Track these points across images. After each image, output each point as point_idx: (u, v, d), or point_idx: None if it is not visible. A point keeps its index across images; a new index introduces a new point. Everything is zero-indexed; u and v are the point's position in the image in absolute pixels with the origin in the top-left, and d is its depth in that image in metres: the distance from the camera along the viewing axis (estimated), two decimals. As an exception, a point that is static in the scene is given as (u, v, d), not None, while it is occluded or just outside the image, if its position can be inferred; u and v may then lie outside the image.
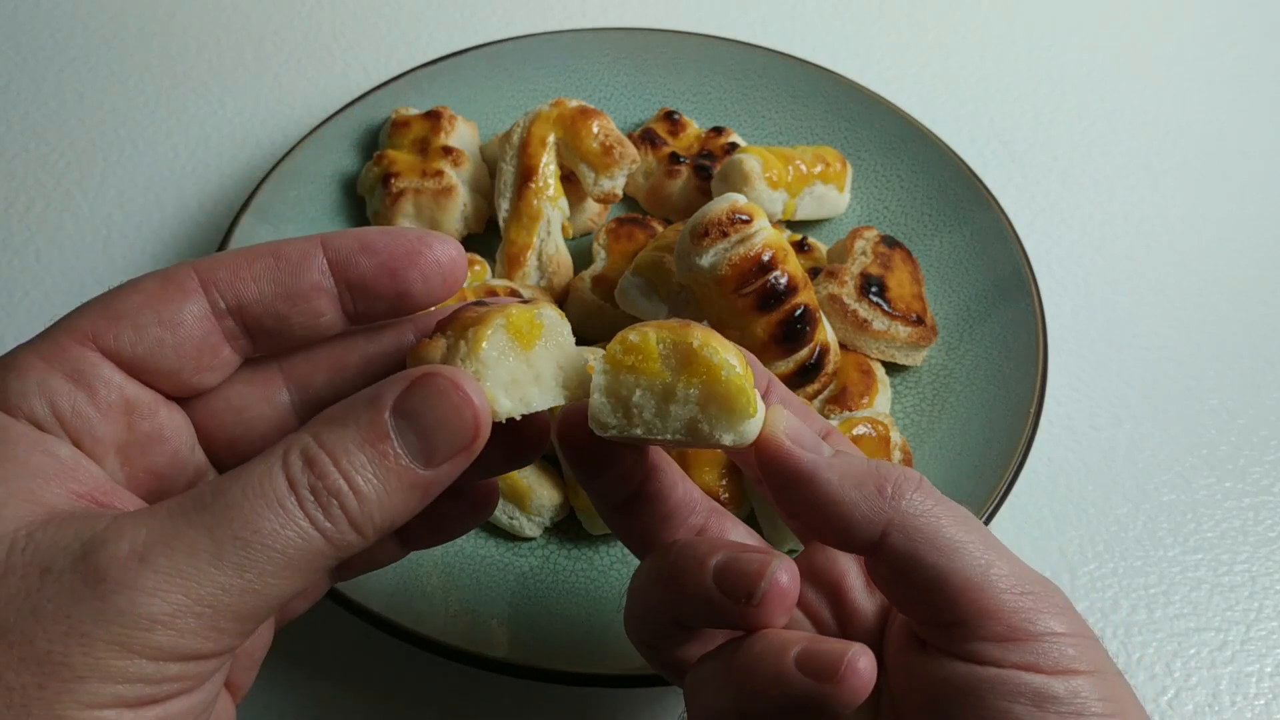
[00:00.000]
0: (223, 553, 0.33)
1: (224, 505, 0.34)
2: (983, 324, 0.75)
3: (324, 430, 0.36)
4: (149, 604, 0.32)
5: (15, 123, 0.93)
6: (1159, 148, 0.96)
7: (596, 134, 0.77)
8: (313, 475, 0.35)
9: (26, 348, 0.37)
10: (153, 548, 0.33)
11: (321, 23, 1.03)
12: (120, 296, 0.38)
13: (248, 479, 0.34)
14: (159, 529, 0.33)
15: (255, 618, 0.34)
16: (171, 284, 0.39)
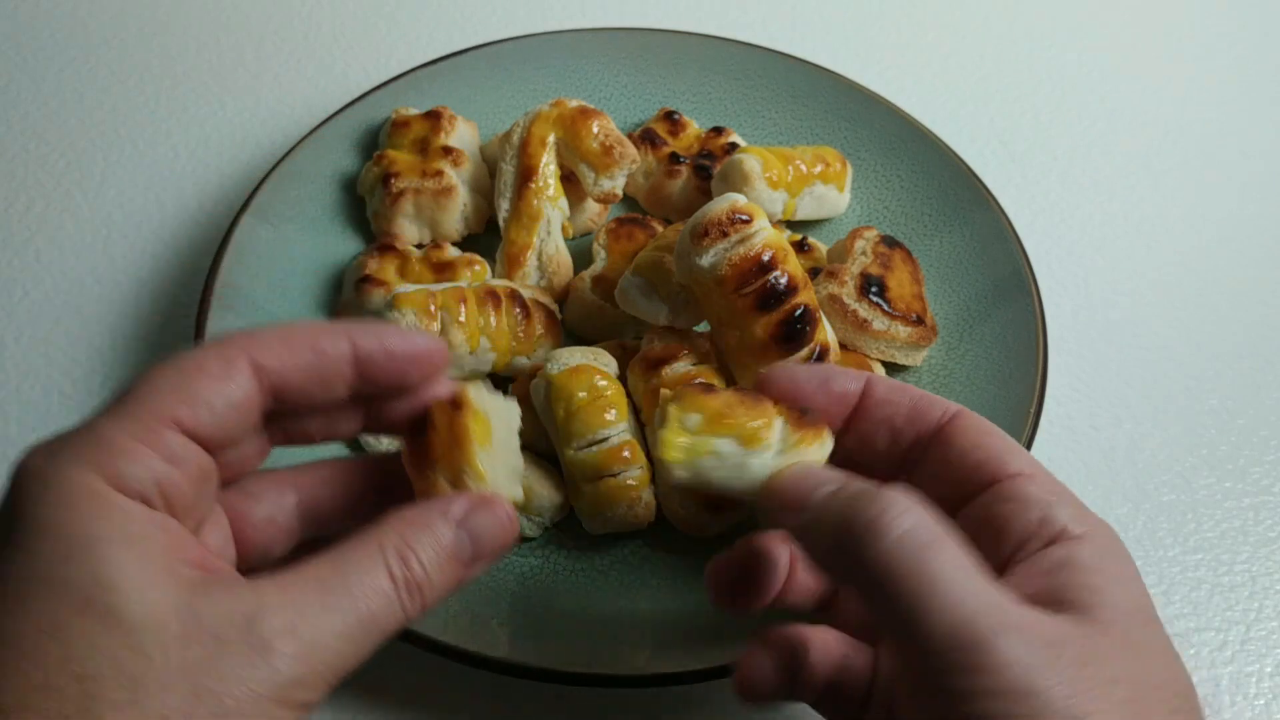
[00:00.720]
0: (350, 633, 0.42)
1: (345, 590, 0.43)
2: (983, 324, 0.75)
3: (409, 533, 0.45)
4: (300, 670, 0.41)
5: (15, 122, 0.93)
6: (1159, 148, 0.96)
7: (596, 134, 0.77)
8: (406, 571, 0.44)
9: (120, 429, 0.42)
10: (299, 624, 0.41)
11: (321, 23, 1.03)
12: (192, 377, 0.44)
13: (360, 570, 0.43)
14: (302, 607, 0.41)
15: (344, 676, 0.43)
16: (234, 368, 0.45)
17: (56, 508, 0.40)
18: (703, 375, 0.67)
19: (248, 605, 0.41)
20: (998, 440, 0.48)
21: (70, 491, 0.41)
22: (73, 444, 0.42)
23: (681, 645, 0.60)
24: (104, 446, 0.42)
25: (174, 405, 0.44)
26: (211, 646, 0.39)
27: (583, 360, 0.66)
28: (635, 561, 0.66)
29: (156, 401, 0.43)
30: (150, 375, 0.45)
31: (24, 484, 0.41)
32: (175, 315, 0.80)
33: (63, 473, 0.41)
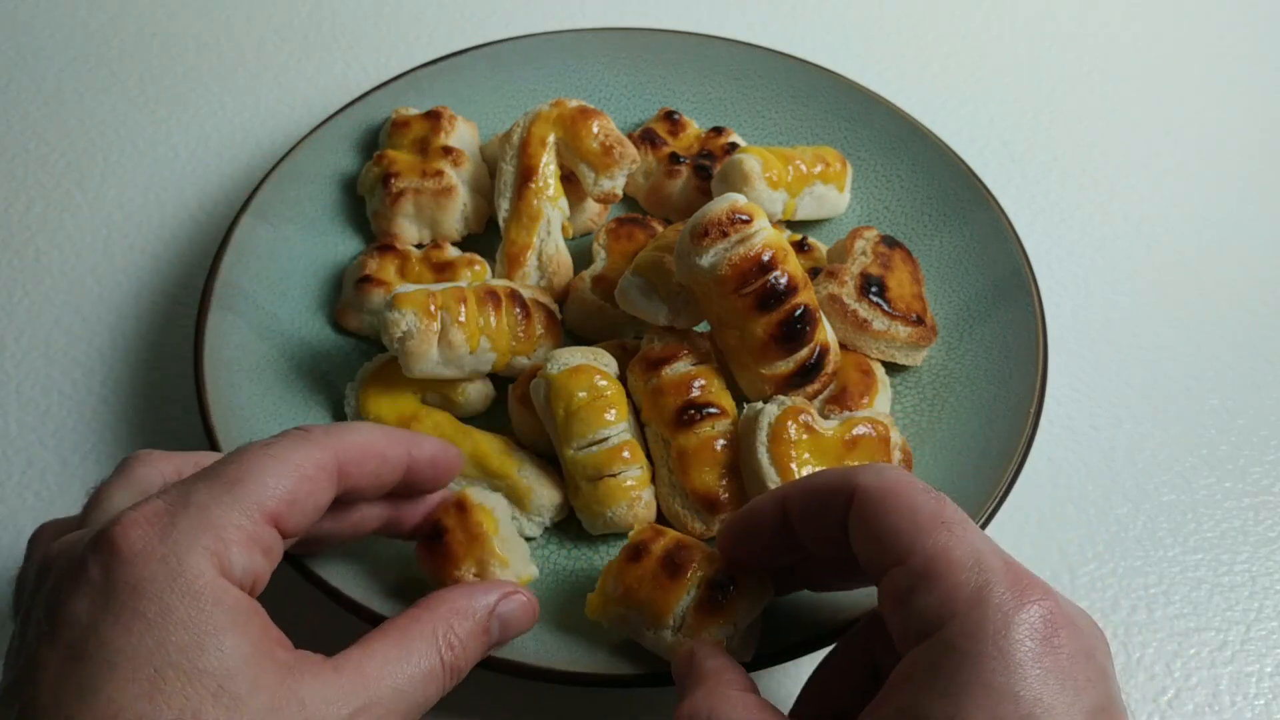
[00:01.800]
0: (412, 713, 0.49)
1: (408, 674, 0.49)
2: (983, 324, 0.75)
3: (455, 622, 0.52)
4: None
5: (15, 123, 0.93)
6: (1159, 148, 0.96)
7: (596, 134, 0.77)
8: (453, 655, 0.51)
9: (229, 518, 0.45)
10: (373, 709, 0.46)
11: (321, 23, 1.03)
12: (293, 479, 0.48)
13: (419, 655, 0.50)
14: (380, 699, 0.47)
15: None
16: (327, 477, 0.50)
17: (183, 597, 0.43)
18: (702, 375, 0.67)
19: (338, 691, 0.46)
20: (889, 520, 0.48)
21: (192, 582, 0.43)
22: (184, 527, 0.44)
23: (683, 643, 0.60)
24: (216, 534, 0.45)
25: (277, 503, 0.47)
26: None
27: (583, 360, 0.66)
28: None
29: (261, 495, 0.47)
30: (253, 461, 0.48)
31: (139, 563, 0.43)
32: (175, 315, 0.80)
33: (184, 561, 0.43)
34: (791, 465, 0.62)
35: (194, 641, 0.42)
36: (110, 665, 0.41)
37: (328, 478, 0.50)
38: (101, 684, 0.41)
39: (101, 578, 0.43)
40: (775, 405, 0.65)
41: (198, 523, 0.45)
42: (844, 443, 0.64)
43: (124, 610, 0.42)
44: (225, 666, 0.42)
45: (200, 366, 0.68)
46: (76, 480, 0.72)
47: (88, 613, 0.43)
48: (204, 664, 0.42)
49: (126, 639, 0.42)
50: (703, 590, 0.56)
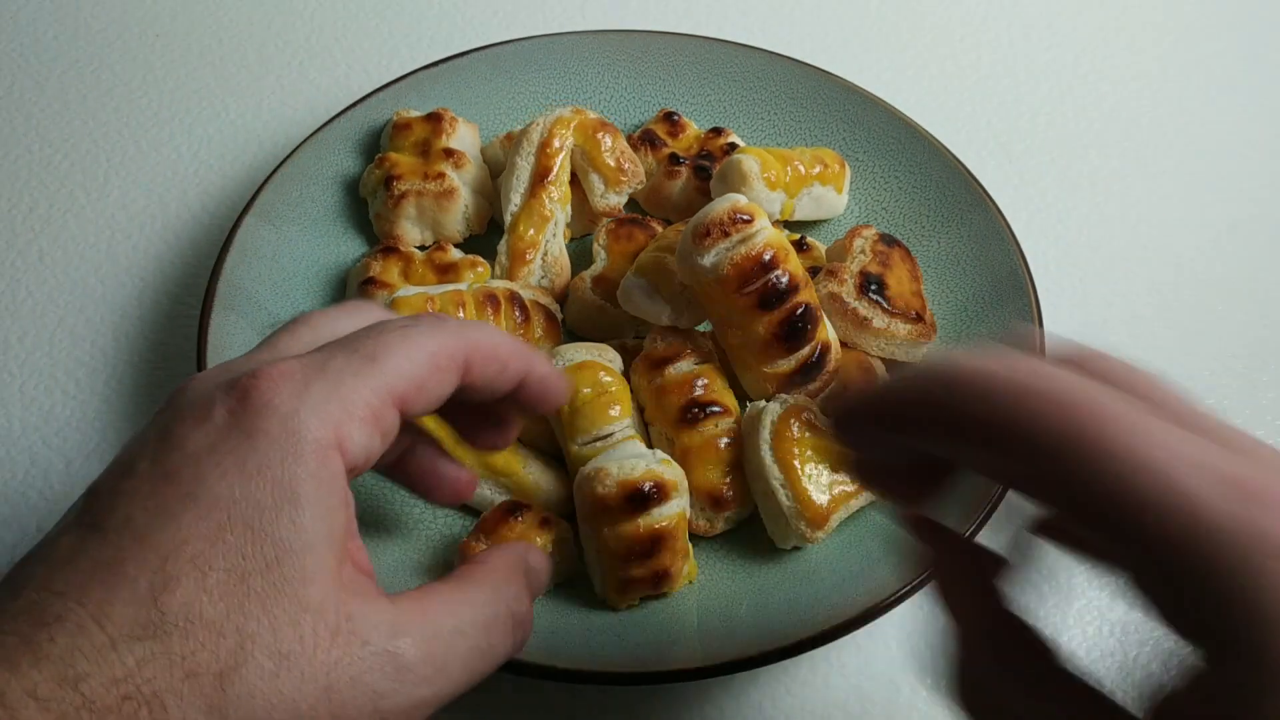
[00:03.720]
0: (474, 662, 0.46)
1: (470, 620, 0.46)
2: (980, 324, 0.75)
3: (524, 597, 0.49)
4: (425, 693, 0.43)
5: (19, 124, 0.93)
6: (1156, 149, 0.96)
7: (613, 149, 0.79)
8: (521, 609, 0.48)
9: (361, 393, 0.44)
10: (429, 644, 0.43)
11: (323, 25, 1.03)
12: (427, 366, 0.46)
13: (483, 605, 0.47)
14: (436, 635, 0.44)
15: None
16: (455, 368, 0.48)
17: (287, 460, 0.42)
18: (705, 374, 0.67)
19: (388, 617, 0.43)
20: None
21: (303, 448, 0.42)
22: (316, 391, 0.43)
23: (684, 643, 0.61)
24: (345, 407, 0.43)
25: (407, 386, 0.45)
26: (357, 653, 0.41)
27: (587, 356, 0.67)
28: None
29: (395, 375, 0.45)
30: (392, 340, 0.46)
31: (263, 414, 0.42)
32: (178, 315, 0.81)
33: (306, 424, 0.42)
34: (794, 463, 0.63)
35: (276, 506, 0.41)
36: (194, 499, 0.41)
37: (456, 369, 0.48)
38: (179, 513, 0.40)
39: (223, 419, 0.43)
40: (778, 404, 0.65)
41: (330, 391, 0.44)
42: (845, 440, 0.64)
43: (229, 454, 0.42)
44: (292, 543, 0.41)
45: (203, 367, 0.69)
46: (79, 480, 0.72)
47: (196, 445, 0.42)
48: (275, 531, 0.41)
49: (219, 480, 0.41)
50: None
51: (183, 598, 0.39)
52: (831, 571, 0.64)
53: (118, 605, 0.38)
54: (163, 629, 0.38)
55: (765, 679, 0.64)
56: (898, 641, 0.66)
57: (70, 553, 0.41)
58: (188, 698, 0.38)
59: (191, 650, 0.38)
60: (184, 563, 0.39)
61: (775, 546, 0.66)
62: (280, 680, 0.39)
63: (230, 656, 0.39)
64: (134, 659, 0.38)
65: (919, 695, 0.64)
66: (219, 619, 0.39)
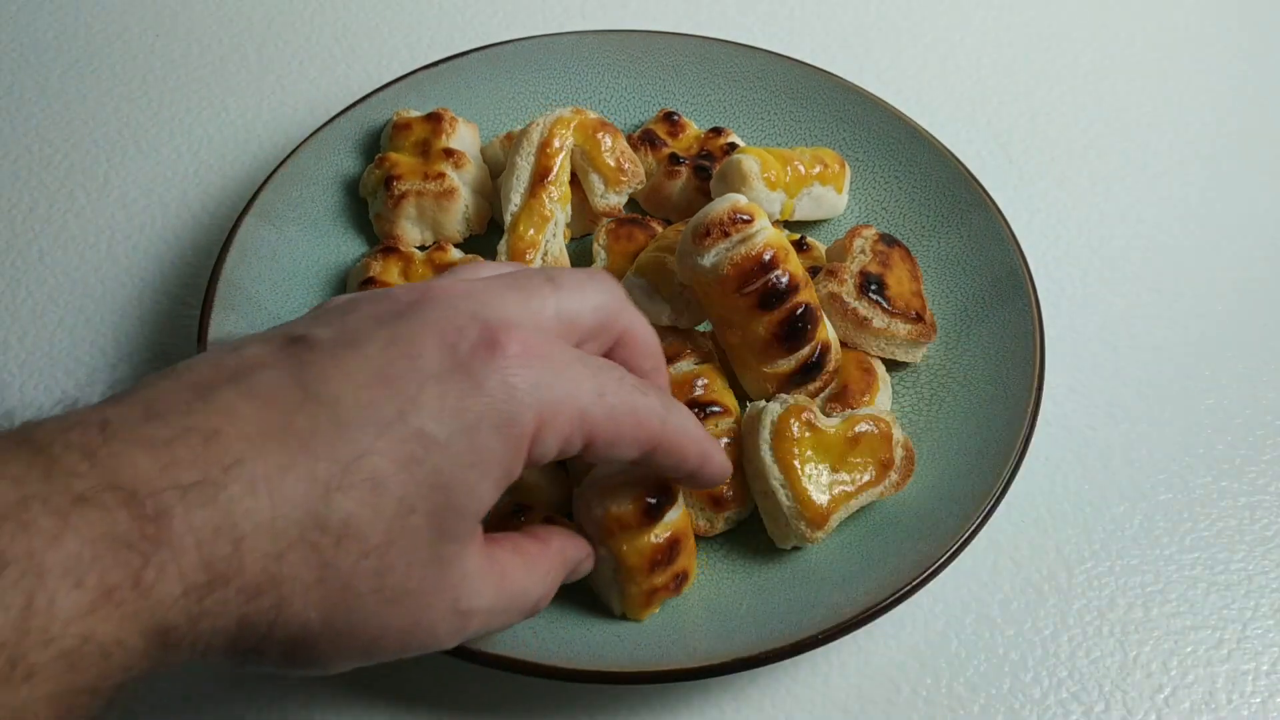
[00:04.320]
0: (496, 629, 0.51)
1: (525, 596, 0.50)
2: (980, 324, 0.75)
3: (560, 566, 0.54)
4: (449, 646, 0.48)
5: (19, 124, 0.93)
6: (1156, 149, 0.96)
7: (614, 149, 0.79)
8: (541, 602, 0.52)
9: (565, 412, 0.46)
10: (492, 617, 0.49)
11: (323, 25, 1.03)
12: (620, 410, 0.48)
13: (536, 589, 0.51)
14: (499, 610, 0.49)
15: None
16: (645, 440, 0.50)
17: (494, 434, 0.43)
18: (705, 374, 0.67)
19: (480, 581, 0.46)
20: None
21: (515, 430, 0.44)
22: (546, 385, 0.45)
23: (683, 643, 0.61)
24: (554, 414, 0.45)
25: (605, 431, 0.48)
26: (447, 607, 0.45)
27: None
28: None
29: (608, 410, 0.47)
30: (626, 379, 0.50)
31: (503, 391, 0.44)
32: (179, 315, 0.81)
33: (525, 414, 0.44)
34: (795, 463, 0.63)
35: (465, 463, 0.43)
36: (404, 419, 0.42)
37: (643, 449, 0.51)
38: (381, 427, 0.41)
39: (465, 356, 0.44)
40: (778, 404, 0.65)
41: (553, 390, 0.45)
42: (847, 440, 0.64)
43: (449, 397, 0.43)
44: (461, 503, 0.43)
45: (204, 366, 0.69)
46: (80, 479, 0.72)
47: (428, 363, 0.43)
48: (452, 484, 0.43)
49: (430, 417, 0.42)
50: None
51: (351, 506, 0.40)
52: (831, 571, 0.64)
53: (293, 480, 0.39)
54: (323, 526, 0.40)
55: (765, 679, 0.64)
56: (898, 641, 0.66)
57: (268, 396, 0.41)
58: (311, 594, 0.40)
59: (335, 558, 0.40)
60: (366, 473, 0.41)
61: (775, 546, 0.66)
62: (388, 610, 0.42)
63: (364, 579, 0.41)
64: (287, 542, 0.39)
65: (919, 695, 0.64)
66: (373, 542, 0.41)
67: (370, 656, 0.45)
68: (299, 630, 0.41)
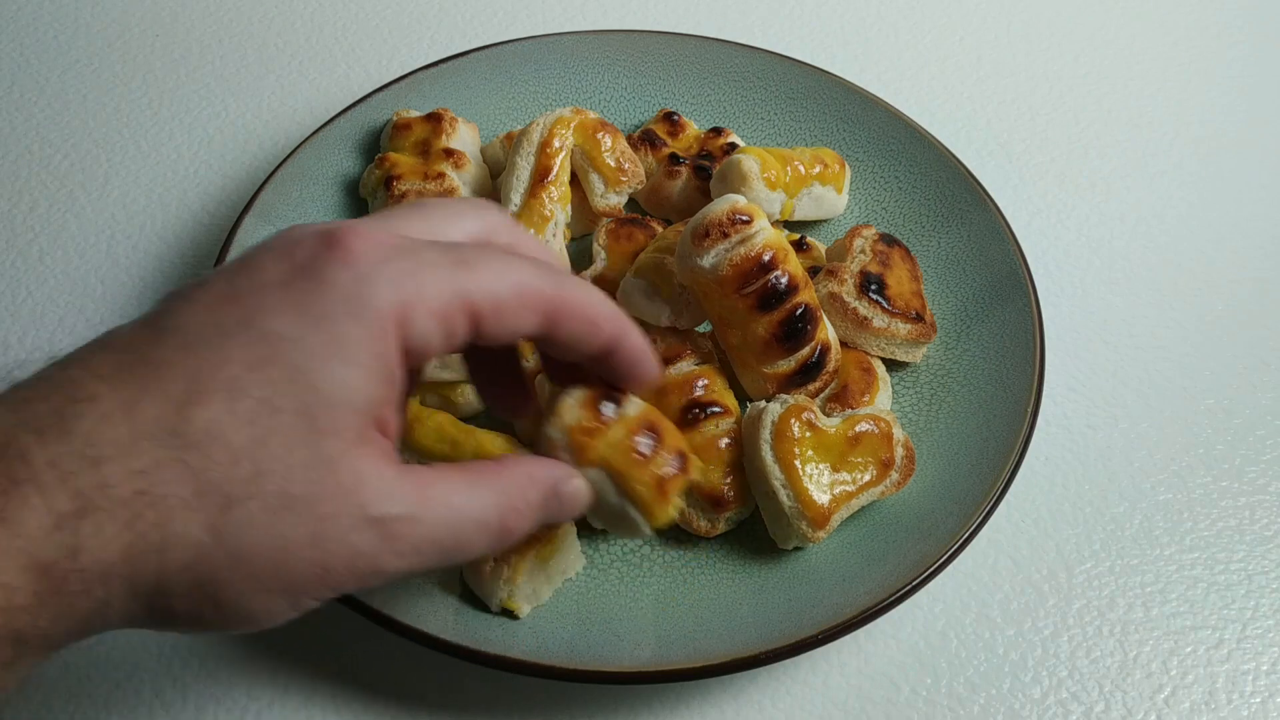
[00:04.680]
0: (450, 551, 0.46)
1: (463, 516, 0.46)
2: (980, 324, 0.75)
3: (529, 489, 0.49)
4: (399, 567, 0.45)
5: (19, 124, 0.93)
6: (1156, 149, 0.96)
7: (613, 149, 0.79)
8: (513, 519, 0.48)
9: (438, 288, 0.45)
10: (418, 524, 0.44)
11: (324, 25, 1.03)
12: (510, 293, 0.47)
13: (481, 507, 0.47)
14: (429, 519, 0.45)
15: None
16: (539, 305, 0.48)
17: (347, 318, 0.43)
18: (705, 375, 0.68)
19: (395, 488, 0.44)
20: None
21: (365, 312, 0.43)
22: (398, 266, 0.44)
23: (684, 642, 0.61)
24: (419, 291, 0.44)
25: (485, 303, 0.46)
26: (352, 513, 0.42)
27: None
28: (635, 560, 0.66)
29: (478, 288, 0.46)
30: (486, 259, 0.47)
31: (340, 269, 0.44)
32: (178, 315, 0.80)
33: (376, 291, 0.43)
34: (795, 463, 0.63)
35: (325, 355, 0.42)
36: (248, 325, 0.42)
37: (541, 312, 0.48)
38: (231, 334, 0.42)
39: (304, 258, 0.44)
40: (778, 404, 0.65)
41: (411, 271, 0.45)
42: (847, 440, 0.65)
43: (297, 292, 0.43)
44: (331, 394, 0.42)
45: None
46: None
47: (269, 276, 0.44)
48: (317, 379, 0.42)
49: (279, 315, 0.42)
50: None
51: (209, 414, 0.40)
52: (832, 571, 0.64)
53: (147, 403, 0.40)
54: (185, 437, 0.40)
55: (765, 679, 0.64)
56: (898, 641, 0.66)
57: (123, 344, 0.42)
58: (194, 510, 0.40)
59: (206, 467, 0.40)
60: (220, 382, 0.41)
61: (775, 546, 0.66)
62: (279, 519, 0.41)
63: (242, 485, 0.40)
64: (151, 459, 0.39)
65: (919, 695, 0.64)
66: (239, 445, 0.40)
67: (293, 589, 0.43)
68: (193, 557, 0.40)
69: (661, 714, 0.63)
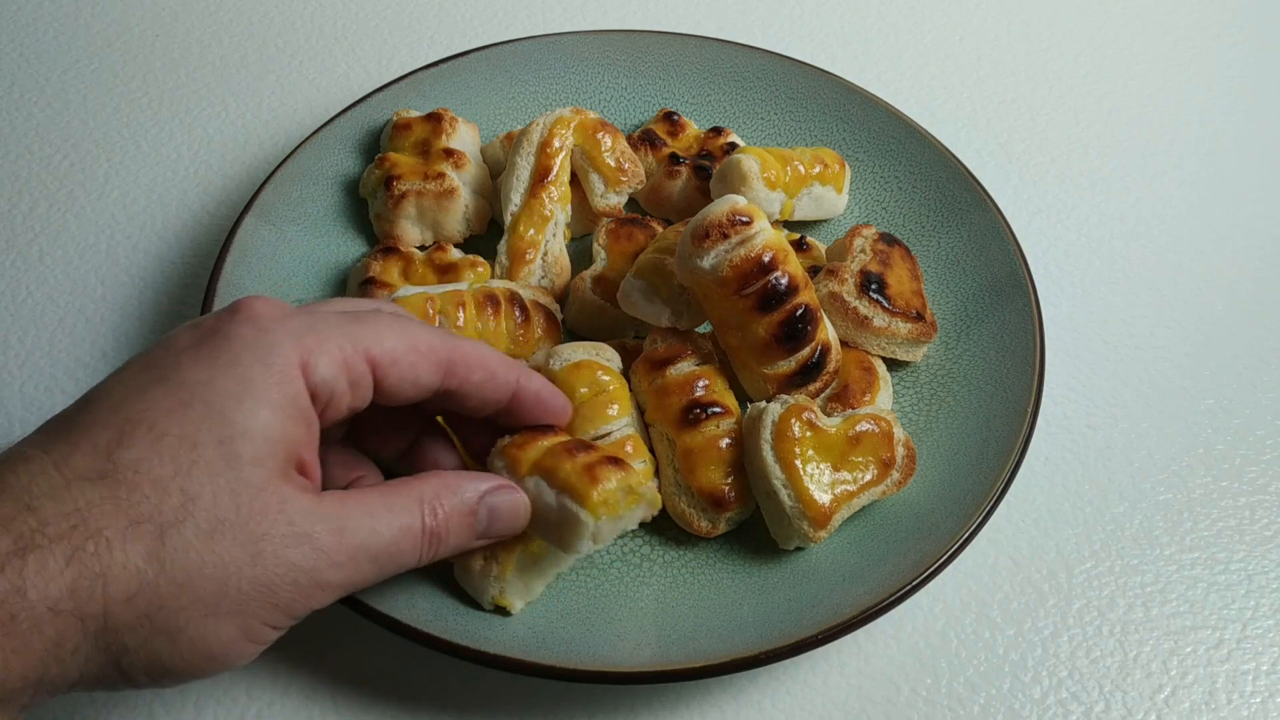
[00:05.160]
0: (377, 557, 0.51)
1: (387, 522, 0.51)
2: (980, 324, 0.75)
3: (444, 495, 0.54)
4: (332, 576, 0.49)
5: (19, 124, 0.93)
6: (1155, 149, 0.96)
7: (613, 149, 0.79)
8: (434, 522, 0.53)
9: (338, 339, 0.50)
10: (344, 535, 0.49)
11: (324, 25, 1.03)
12: (408, 351, 0.53)
13: (401, 510, 0.52)
14: (350, 524, 0.49)
15: (356, 590, 0.52)
16: (435, 358, 0.54)
17: (255, 363, 0.48)
18: (706, 375, 0.67)
19: (314, 510, 0.48)
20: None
21: (271, 356, 0.48)
22: (298, 321, 0.50)
23: (684, 643, 0.61)
24: (318, 339, 0.50)
25: (382, 353, 0.52)
26: (283, 530, 0.47)
27: (585, 356, 0.67)
28: (636, 560, 0.66)
29: (372, 340, 0.52)
30: (379, 318, 0.53)
31: (245, 326, 0.49)
32: (178, 315, 0.81)
33: (278, 340, 0.49)
34: (796, 462, 0.63)
35: (238, 395, 0.47)
36: (165, 380, 0.47)
37: (437, 364, 0.54)
38: (149, 388, 0.47)
39: (210, 325, 0.49)
40: (779, 404, 0.65)
41: (310, 325, 0.50)
42: (848, 439, 0.65)
43: (206, 348, 0.48)
44: (247, 428, 0.46)
45: (204, 366, 0.69)
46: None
47: (181, 343, 0.49)
48: (233, 415, 0.46)
49: (192, 367, 0.47)
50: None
51: (135, 454, 0.44)
52: (831, 571, 0.64)
53: (77, 455, 0.44)
54: (114, 477, 0.44)
55: (765, 679, 0.64)
56: (898, 641, 0.66)
57: (55, 420, 0.47)
58: (131, 540, 0.43)
59: (137, 500, 0.44)
60: (142, 427, 0.45)
61: (774, 546, 0.66)
62: (214, 540, 0.45)
63: (173, 512, 0.44)
64: (84, 499, 0.43)
65: (919, 695, 0.64)
66: (166, 478, 0.44)
67: (241, 611, 0.46)
68: (136, 586, 0.43)
69: (661, 714, 0.63)
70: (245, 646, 0.47)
